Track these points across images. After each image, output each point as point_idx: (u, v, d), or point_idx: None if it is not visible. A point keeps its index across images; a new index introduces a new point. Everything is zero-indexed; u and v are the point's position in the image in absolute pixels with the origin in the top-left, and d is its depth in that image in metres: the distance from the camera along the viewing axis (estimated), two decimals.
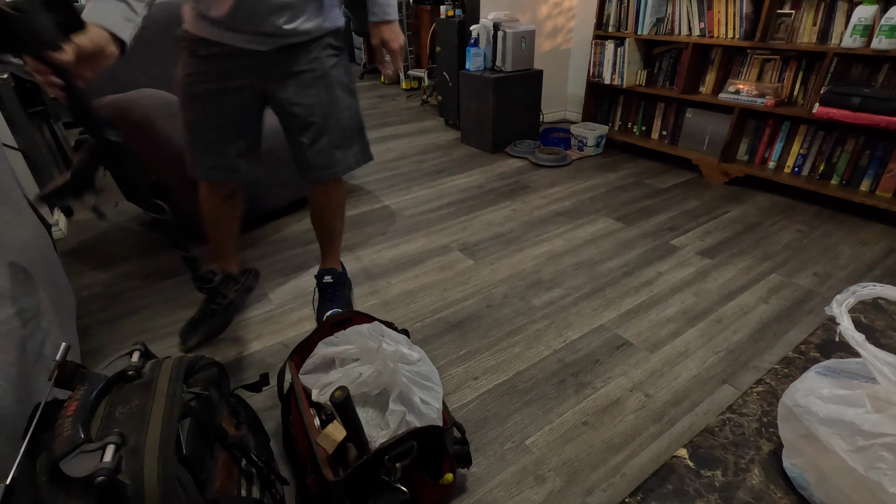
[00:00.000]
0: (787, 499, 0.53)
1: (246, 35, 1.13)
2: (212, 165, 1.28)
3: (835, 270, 1.74)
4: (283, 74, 1.21)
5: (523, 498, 1.00)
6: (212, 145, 1.25)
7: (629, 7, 2.73)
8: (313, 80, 1.23)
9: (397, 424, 0.88)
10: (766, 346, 1.39)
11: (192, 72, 1.18)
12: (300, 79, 1.22)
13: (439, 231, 2.08)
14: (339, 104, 1.29)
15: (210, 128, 1.23)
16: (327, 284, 1.54)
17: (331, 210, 1.46)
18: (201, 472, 0.65)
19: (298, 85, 1.22)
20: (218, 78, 1.18)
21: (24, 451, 0.60)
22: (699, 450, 0.58)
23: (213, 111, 1.21)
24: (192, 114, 1.23)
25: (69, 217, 2.27)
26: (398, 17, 1.09)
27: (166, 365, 0.73)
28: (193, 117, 1.23)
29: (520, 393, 1.25)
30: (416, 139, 3.34)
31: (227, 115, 1.23)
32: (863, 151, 2.11)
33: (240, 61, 1.17)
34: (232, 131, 1.26)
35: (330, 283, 1.55)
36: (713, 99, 2.49)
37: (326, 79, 1.25)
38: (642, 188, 2.50)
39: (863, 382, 0.50)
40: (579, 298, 1.62)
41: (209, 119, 1.22)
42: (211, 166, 1.28)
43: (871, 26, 1.93)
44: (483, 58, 2.90)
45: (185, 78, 1.20)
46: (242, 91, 1.22)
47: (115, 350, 1.42)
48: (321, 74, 1.24)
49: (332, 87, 1.26)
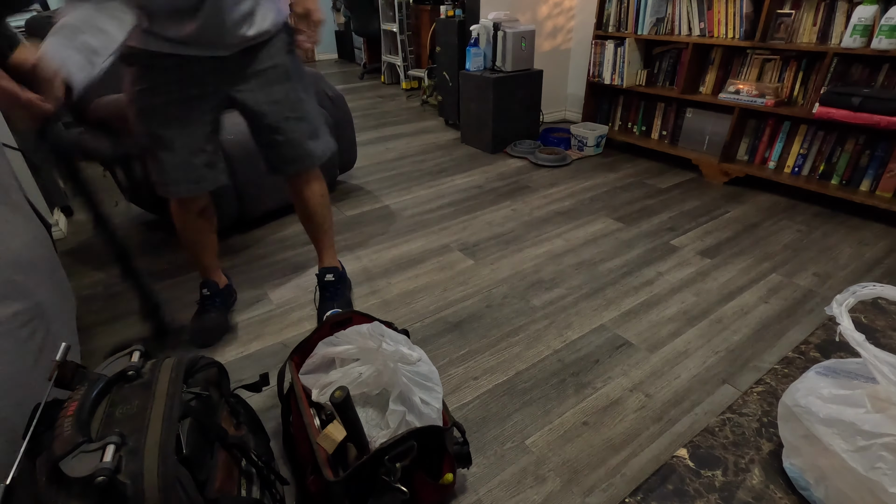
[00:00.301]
0: (787, 499, 0.53)
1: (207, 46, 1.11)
2: (183, 180, 1.24)
3: (835, 270, 1.74)
4: (247, 75, 1.20)
5: (523, 498, 1.00)
6: (179, 158, 1.20)
7: (629, 7, 2.73)
8: (277, 77, 1.23)
9: (397, 424, 0.88)
10: (766, 346, 1.39)
11: (147, 86, 1.14)
12: (265, 77, 1.22)
13: (439, 231, 2.08)
14: (304, 96, 1.30)
15: (176, 140, 1.18)
16: (329, 283, 1.54)
17: (315, 201, 1.45)
18: (201, 472, 0.65)
19: (264, 83, 1.22)
20: (179, 88, 1.14)
21: (24, 451, 0.60)
22: (699, 450, 0.58)
23: (177, 123, 1.17)
24: (155, 128, 1.17)
25: (69, 217, 2.27)
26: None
27: (166, 365, 0.73)
28: (157, 132, 1.17)
29: (520, 393, 1.25)
30: (416, 139, 3.34)
31: (191, 125, 1.19)
32: (863, 151, 2.11)
33: (200, 68, 1.14)
34: (199, 140, 1.22)
35: (332, 281, 1.54)
36: (713, 99, 2.49)
37: (289, 73, 1.25)
38: (642, 188, 2.50)
39: (863, 382, 0.50)
40: (579, 298, 1.62)
41: (173, 131, 1.18)
42: (182, 181, 1.24)
43: (871, 26, 1.93)
44: (483, 58, 2.90)
45: (138, 93, 1.15)
46: (205, 98, 1.19)
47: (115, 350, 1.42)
48: (284, 69, 1.24)
49: (295, 80, 1.27)
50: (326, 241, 1.54)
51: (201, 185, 1.27)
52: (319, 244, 1.54)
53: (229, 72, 1.18)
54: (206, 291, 1.48)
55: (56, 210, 2.14)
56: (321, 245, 1.54)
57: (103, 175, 2.59)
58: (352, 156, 2.50)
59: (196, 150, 1.22)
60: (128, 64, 1.13)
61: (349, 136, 2.42)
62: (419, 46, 4.64)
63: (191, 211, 1.34)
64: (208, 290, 1.48)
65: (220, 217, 1.91)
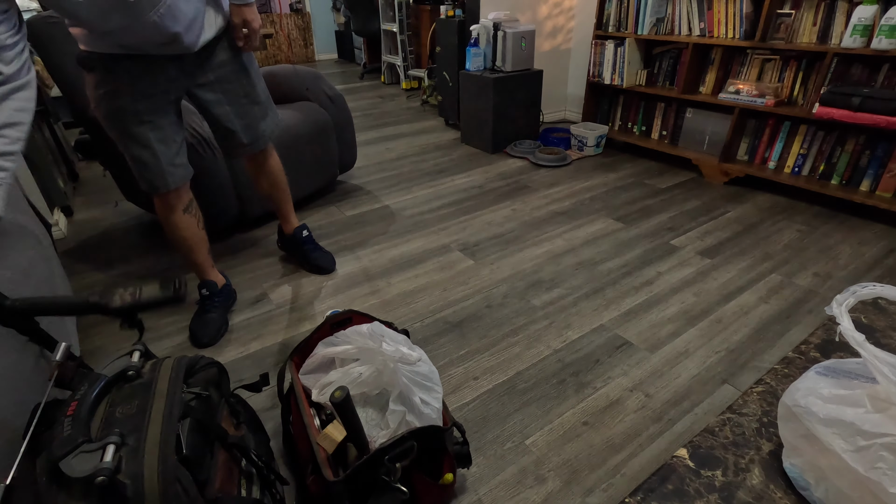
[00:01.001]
0: (787, 499, 0.52)
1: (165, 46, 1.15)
2: (165, 172, 1.28)
3: (835, 270, 1.74)
4: (206, 69, 1.28)
5: (523, 498, 1.00)
6: (157, 152, 1.25)
7: (629, 7, 2.73)
8: (233, 69, 1.33)
9: (397, 424, 0.88)
10: (766, 346, 1.39)
11: (110, 88, 1.16)
12: (222, 71, 1.31)
13: (439, 231, 2.08)
14: (255, 81, 1.41)
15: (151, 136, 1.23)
16: (308, 237, 1.79)
17: (277, 168, 1.61)
18: (201, 471, 0.65)
19: (222, 75, 1.31)
20: (143, 86, 1.18)
21: (24, 451, 0.60)
22: (699, 450, 0.58)
23: (148, 119, 1.21)
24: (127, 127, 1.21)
25: (69, 217, 2.27)
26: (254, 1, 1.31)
27: (166, 365, 0.73)
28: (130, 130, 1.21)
29: (520, 393, 1.25)
30: (416, 139, 3.34)
31: (161, 119, 1.24)
32: (863, 151, 2.11)
33: (162, 66, 1.19)
34: (170, 133, 1.27)
35: (310, 235, 1.79)
36: (713, 99, 2.49)
37: (242, 62, 1.36)
38: (642, 188, 2.50)
39: (863, 382, 0.50)
40: (579, 298, 1.62)
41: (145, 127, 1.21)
42: (165, 173, 1.28)
43: (871, 26, 1.93)
44: (483, 58, 2.90)
45: (104, 96, 1.17)
46: (168, 93, 1.24)
47: (115, 350, 1.42)
48: (237, 60, 1.34)
49: (247, 68, 1.38)
50: (290, 204, 1.73)
51: (180, 176, 1.33)
52: (286, 207, 1.72)
53: (188, 68, 1.25)
54: (206, 292, 1.48)
55: (56, 210, 2.14)
56: (287, 208, 1.72)
57: (103, 175, 2.59)
58: (352, 156, 2.50)
59: (169, 142, 1.27)
60: (87, 69, 1.15)
61: (349, 136, 2.43)
62: (419, 46, 4.64)
63: (176, 207, 1.36)
64: (207, 291, 1.48)
65: (220, 217, 1.92)
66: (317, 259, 1.77)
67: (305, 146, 2.12)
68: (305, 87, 2.28)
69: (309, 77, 2.31)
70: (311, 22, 6.51)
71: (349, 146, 2.45)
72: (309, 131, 2.14)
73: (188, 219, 1.39)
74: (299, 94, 2.28)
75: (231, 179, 1.89)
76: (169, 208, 1.35)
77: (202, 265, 1.49)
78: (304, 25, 6.48)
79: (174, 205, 1.35)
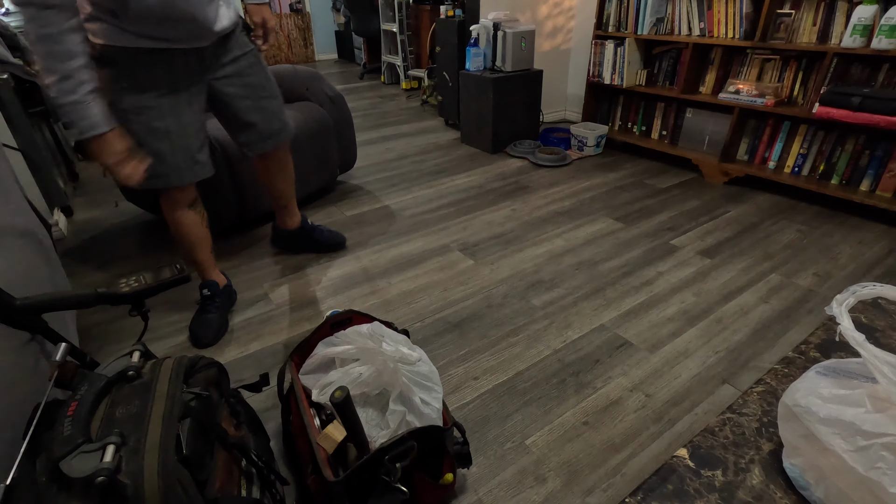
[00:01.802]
0: (787, 499, 0.53)
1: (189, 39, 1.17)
2: (183, 167, 1.28)
3: (835, 270, 1.74)
4: (224, 63, 1.29)
5: (523, 498, 1.00)
6: (178, 147, 1.25)
7: (629, 7, 2.73)
8: (249, 62, 1.35)
9: (397, 424, 0.88)
10: (766, 346, 1.39)
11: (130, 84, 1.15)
12: (239, 64, 1.32)
13: (439, 231, 2.08)
14: (270, 75, 1.44)
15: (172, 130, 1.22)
16: (315, 225, 1.87)
17: (289, 162, 1.64)
18: (201, 472, 0.65)
19: (240, 69, 1.33)
20: (166, 81, 1.19)
21: (24, 451, 0.60)
22: (699, 450, 0.58)
23: (171, 114, 1.21)
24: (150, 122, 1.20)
25: (69, 217, 2.27)
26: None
27: (166, 365, 0.73)
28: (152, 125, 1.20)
29: (520, 393, 1.25)
30: (416, 139, 3.34)
31: (184, 114, 1.24)
32: (863, 151, 2.11)
33: (184, 59, 1.20)
34: (193, 127, 1.27)
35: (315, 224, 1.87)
36: (713, 99, 2.49)
37: (257, 56, 1.38)
38: (642, 188, 2.50)
39: (863, 382, 0.50)
40: (579, 298, 1.62)
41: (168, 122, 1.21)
42: (183, 168, 1.28)
43: (871, 26, 1.93)
44: (483, 58, 2.90)
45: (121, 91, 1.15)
46: (192, 86, 1.25)
47: (115, 350, 1.42)
48: (252, 54, 1.36)
49: (261, 61, 1.40)
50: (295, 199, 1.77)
51: (200, 172, 1.33)
52: (294, 202, 1.76)
53: (208, 61, 1.26)
54: (207, 292, 1.48)
55: (56, 210, 2.13)
56: (294, 203, 1.77)
57: (103, 175, 2.59)
58: (352, 156, 2.51)
59: (192, 136, 1.28)
60: (103, 64, 1.11)
61: (349, 136, 2.43)
62: (419, 46, 4.64)
63: (182, 204, 1.36)
64: (209, 291, 1.48)
65: (220, 217, 1.92)
66: (331, 237, 1.88)
67: (305, 146, 2.12)
68: (305, 88, 2.28)
69: (309, 77, 2.32)
70: (311, 22, 6.52)
71: (349, 146, 2.45)
72: (309, 131, 2.14)
73: (193, 216, 1.40)
74: (299, 94, 2.28)
75: (231, 179, 1.89)
76: (175, 204, 1.35)
77: (204, 264, 1.48)
78: (304, 25, 6.48)
79: (181, 201, 1.35)
